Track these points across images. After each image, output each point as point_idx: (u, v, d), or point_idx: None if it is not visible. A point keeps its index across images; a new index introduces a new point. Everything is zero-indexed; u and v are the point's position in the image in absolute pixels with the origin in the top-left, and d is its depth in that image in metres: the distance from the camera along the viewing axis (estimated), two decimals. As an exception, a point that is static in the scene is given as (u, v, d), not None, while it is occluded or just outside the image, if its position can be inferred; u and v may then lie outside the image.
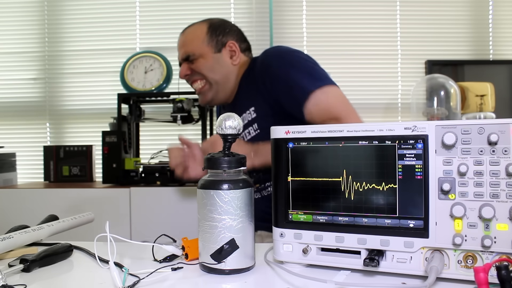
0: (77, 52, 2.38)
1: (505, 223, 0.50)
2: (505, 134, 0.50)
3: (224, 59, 1.29)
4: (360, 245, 0.57)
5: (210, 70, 1.28)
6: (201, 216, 0.61)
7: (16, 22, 2.44)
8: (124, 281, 0.56)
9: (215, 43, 1.29)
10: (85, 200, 1.82)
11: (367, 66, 2.35)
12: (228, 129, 0.62)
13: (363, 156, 0.57)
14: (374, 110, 2.36)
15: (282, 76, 1.13)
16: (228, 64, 1.29)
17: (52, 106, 2.43)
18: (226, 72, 1.29)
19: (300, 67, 1.13)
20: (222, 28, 1.30)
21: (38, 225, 0.79)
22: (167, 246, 0.66)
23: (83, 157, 2.08)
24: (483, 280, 0.43)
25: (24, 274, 0.62)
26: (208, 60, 1.28)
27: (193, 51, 1.28)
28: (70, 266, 0.68)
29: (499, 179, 0.50)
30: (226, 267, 0.59)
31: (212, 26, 1.30)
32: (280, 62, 1.16)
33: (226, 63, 1.29)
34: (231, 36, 1.31)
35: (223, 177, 0.61)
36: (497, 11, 2.39)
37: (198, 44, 1.28)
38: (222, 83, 1.29)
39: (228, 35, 1.30)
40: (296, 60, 1.15)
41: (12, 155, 2.20)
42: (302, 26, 2.36)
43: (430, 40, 2.37)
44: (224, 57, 1.29)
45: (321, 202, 0.60)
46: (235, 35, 1.32)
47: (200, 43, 1.28)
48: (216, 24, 1.31)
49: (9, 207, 1.85)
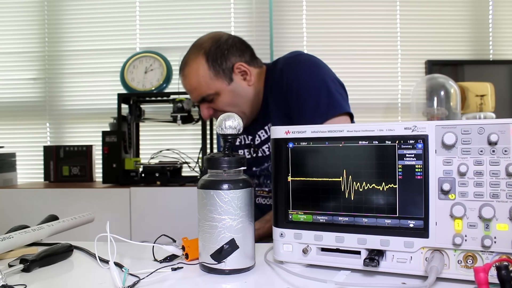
0: (77, 52, 2.38)
1: (505, 223, 0.50)
2: (505, 134, 0.50)
3: (240, 86, 1.17)
4: (360, 245, 0.57)
5: (233, 105, 1.16)
6: (201, 216, 0.61)
7: (16, 22, 2.44)
8: (124, 281, 0.56)
9: (223, 74, 1.15)
10: (85, 200, 1.82)
11: (367, 66, 2.35)
12: (228, 129, 0.61)
13: (363, 156, 0.57)
14: (374, 110, 2.36)
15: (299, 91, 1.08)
16: (245, 88, 1.17)
17: (52, 106, 2.43)
18: (248, 97, 1.18)
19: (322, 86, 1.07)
20: (220, 53, 1.15)
21: (38, 225, 0.79)
22: (167, 247, 0.66)
23: (83, 157, 2.08)
24: (483, 280, 0.43)
25: (24, 274, 0.63)
26: (226, 96, 1.16)
27: (206, 92, 1.16)
28: (70, 266, 0.68)
29: (499, 179, 0.50)
30: (226, 267, 0.59)
31: (210, 57, 1.15)
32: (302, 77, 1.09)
33: (243, 88, 1.17)
34: (234, 57, 1.16)
35: (223, 177, 0.61)
36: (497, 11, 2.39)
37: (207, 82, 1.15)
38: (249, 109, 1.19)
39: (229, 57, 1.16)
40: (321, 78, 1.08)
41: (12, 155, 2.20)
42: (302, 26, 2.36)
43: (430, 40, 2.37)
44: (239, 83, 1.17)
45: (321, 202, 0.60)
46: (236, 53, 1.17)
47: (208, 81, 1.15)
48: (213, 51, 1.15)
49: (9, 207, 1.85)
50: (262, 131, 1.20)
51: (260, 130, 1.20)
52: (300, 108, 1.07)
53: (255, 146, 1.22)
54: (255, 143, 1.22)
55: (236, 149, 1.27)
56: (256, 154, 1.22)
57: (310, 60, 1.14)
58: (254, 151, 1.22)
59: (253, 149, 1.23)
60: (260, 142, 1.21)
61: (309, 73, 1.09)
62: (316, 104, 1.04)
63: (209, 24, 2.38)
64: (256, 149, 1.22)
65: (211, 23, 2.38)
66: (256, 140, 1.21)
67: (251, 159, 1.24)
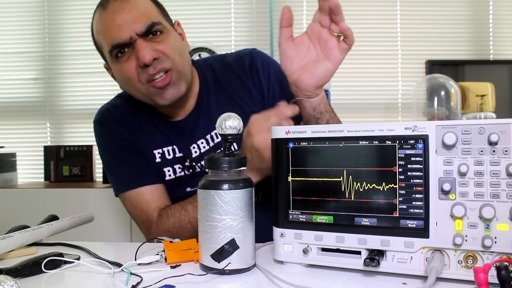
0: (77, 52, 2.38)
1: (506, 223, 0.50)
2: (506, 134, 0.50)
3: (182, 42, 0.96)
4: (360, 245, 0.57)
5: (180, 54, 0.91)
6: (201, 216, 0.61)
7: (16, 22, 2.44)
8: (127, 281, 0.56)
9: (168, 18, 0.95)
10: (85, 200, 1.82)
11: (367, 66, 2.35)
12: (228, 129, 0.61)
13: (364, 156, 0.57)
14: (374, 110, 2.36)
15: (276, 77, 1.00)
16: (186, 49, 0.97)
17: (52, 106, 2.43)
18: (189, 61, 0.97)
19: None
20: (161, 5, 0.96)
21: (38, 225, 0.79)
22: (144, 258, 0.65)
23: (83, 157, 2.08)
24: (483, 280, 0.42)
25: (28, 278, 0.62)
26: (174, 37, 0.92)
27: (158, 18, 0.89)
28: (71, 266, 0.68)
29: (500, 179, 0.50)
30: (226, 267, 0.59)
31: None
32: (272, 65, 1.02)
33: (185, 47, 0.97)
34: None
35: (223, 177, 0.61)
36: (497, 11, 2.39)
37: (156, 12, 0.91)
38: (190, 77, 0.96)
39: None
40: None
41: (13, 155, 2.20)
42: (302, 26, 2.36)
43: (430, 40, 2.37)
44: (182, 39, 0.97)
45: (322, 202, 0.60)
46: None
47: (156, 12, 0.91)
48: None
49: (9, 207, 1.85)
50: (202, 141, 0.98)
51: (199, 139, 0.98)
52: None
53: (192, 160, 0.97)
54: (192, 157, 0.97)
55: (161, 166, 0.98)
56: (192, 170, 0.98)
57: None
58: (190, 166, 0.98)
59: (189, 164, 0.97)
60: (199, 155, 0.98)
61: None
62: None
63: (209, 24, 2.38)
64: (192, 164, 0.97)
65: (211, 23, 2.38)
66: (194, 152, 0.98)
67: (185, 177, 0.99)
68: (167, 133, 0.99)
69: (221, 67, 1.03)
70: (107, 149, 1.02)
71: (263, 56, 1.05)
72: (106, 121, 1.02)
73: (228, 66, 1.03)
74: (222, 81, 1.01)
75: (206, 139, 0.98)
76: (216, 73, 1.02)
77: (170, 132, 0.99)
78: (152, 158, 0.98)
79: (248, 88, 1.00)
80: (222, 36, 2.39)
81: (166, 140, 0.99)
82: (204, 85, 1.00)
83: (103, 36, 0.89)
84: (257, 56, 1.03)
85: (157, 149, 0.98)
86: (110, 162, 1.02)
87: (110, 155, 1.01)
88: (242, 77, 1.01)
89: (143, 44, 0.85)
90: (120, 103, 1.04)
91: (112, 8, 0.86)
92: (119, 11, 0.86)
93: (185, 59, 0.93)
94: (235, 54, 1.06)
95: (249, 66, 1.01)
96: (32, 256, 0.65)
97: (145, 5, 0.89)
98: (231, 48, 2.41)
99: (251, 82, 1.00)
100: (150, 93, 0.89)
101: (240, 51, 1.06)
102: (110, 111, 1.03)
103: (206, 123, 0.98)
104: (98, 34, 0.91)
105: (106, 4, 0.87)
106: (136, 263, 0.64)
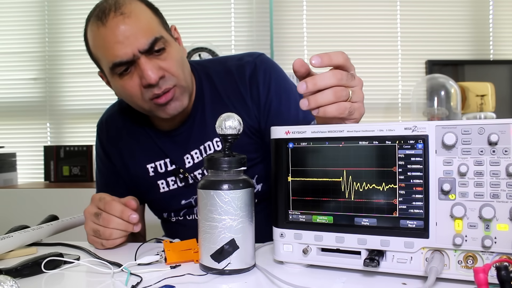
0: (77, 52, 2.38)
1: (506, 224, 0.50)
2: (506, 134, 0.50)
3: (182, 49, 0.92)
4: (360, 245, 0.57)
5: (181, 66, 0.87)
6: (201, 216, 0.61)
7: (16, 22, 2.44)
8: (126, 282, 0.56)
9: (167, 26, 0.90)
10: (85, 200, 1.81)
11: (367, 66, 2.35)
12: (228, 129, 0.61)
13: (363, 156, 0.57)
14: (374, 110, 2.36)
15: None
16: (185, 57, 0.92)
17: (52, 106, 2.43)
18: (189, 69, 0.93)
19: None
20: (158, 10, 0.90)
21: (38, 225, 0.79)
22: (144, 258, 0.65)
23: (83, 157, 2.08)
24: (482, 280, 0.42)
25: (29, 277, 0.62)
26: (175, 49, 0.87)
27: (160, 33, 0.84)
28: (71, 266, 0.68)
29: (500, 179, 0.50)
30: (226, 267, 0.59)
31: (149, 6, 0.88)
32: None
33: (184, 55, 0.93)
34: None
35: (223, 177, 0.61)
36: (497, 11, 2.39)
37: (158, 24, 0.86)
38: (190, 85, 0.92)
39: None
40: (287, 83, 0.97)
41: (12, 155, 2.20)
42: (302, 26, 2.36)
43: (430, 40, 2.37)
44: (180, 46, 0.93)
45: (321, 202, 0.60)
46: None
47: (157, 24, 0.86)
48: (149, 4, 0.89)
49: (9, 207, 1.85)
50: (196, 151, 0.95)
51: (193, 149, 0.96)
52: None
53: (186, 171, 0.96)
54: (186, 167, 0.96)
55: (155, 179, 0.98)
56: (185, 182, 0.96)
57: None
58: (184, 178, 0.96)
59: (182, 176, 0.96)
60: (192, 166, 0.96)
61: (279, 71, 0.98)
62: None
63: (209, 24, 2.38)
64: (185, 176, 0.96)
65: (211, 23, 2.38)
66: (187, 163, 0.96)
67: (178, 189, 0.97)
68: (161, 144, 0.97)
69: (221, 71, 0.98)
70: (96, 154, 1.11)
71: (266, 66, 0.96)
72: (100, 132, 1.07)
73: (228, 71, 0.97)
74: (219, 88, 0.96)
75: (200, 149, 0.95)
76: (214, 80, 0.97)
77: (163, 142, 0.97)
78: (146, 172, 0.98)
79: (245, 100, 0.95)
80: (222, 36, 2.39)
81: (159, 153, 0.97)
82: (200, 92, 0.96)
83: (103, 53, 0.84)
84: (260, 66, 0.96)
85: (149, 163, 0.98)
86: (96, 166, 1.11)
87: (97, 160, 1.10)
88: (240, 88, 0.95)
89: (148, 64, 0.81)
90: (116, 114, 1.05)
91: (113, 24, 0.80)
92: (120, 26, 0.80)
93: (186, 70, 0.90)
94: (238, 58, 0.99)
95: (249, 76, 0.95)
96: (32, 256, 0.65)
97: (145, 18, 0.84)
98: (231, 48, 2.41)
99: (248, 95, 0.94)
100: (153, 109, 0.87)
101: (244, 57, 0.99)
102: (108, 122, 1.06)
103: (200, 133, 0.95)
104: (96, 49, 0.87)
105: (105, 19, 0.81)
106: (136, 263, 0.64)
